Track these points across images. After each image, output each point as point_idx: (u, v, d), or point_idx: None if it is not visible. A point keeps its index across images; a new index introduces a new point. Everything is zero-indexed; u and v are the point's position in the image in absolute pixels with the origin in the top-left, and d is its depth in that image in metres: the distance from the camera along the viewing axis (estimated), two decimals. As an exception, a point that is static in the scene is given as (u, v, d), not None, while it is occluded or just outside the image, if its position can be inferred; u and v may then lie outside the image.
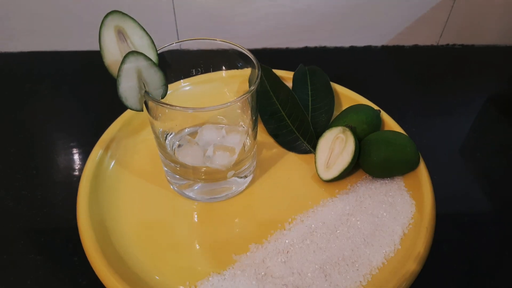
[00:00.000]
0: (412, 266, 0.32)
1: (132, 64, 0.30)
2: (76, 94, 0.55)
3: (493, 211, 0.42)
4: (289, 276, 0.32)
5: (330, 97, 0.47)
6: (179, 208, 0.38)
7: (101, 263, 0.32)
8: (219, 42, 0.38)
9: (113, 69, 0.31)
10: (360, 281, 0.32)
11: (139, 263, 0.34)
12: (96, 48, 0.30)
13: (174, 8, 0.57)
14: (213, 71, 0.41)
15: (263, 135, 0.45)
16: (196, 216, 0.38)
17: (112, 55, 0.31)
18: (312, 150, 0.43)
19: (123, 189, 0.40)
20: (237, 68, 0.39)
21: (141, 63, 0.30)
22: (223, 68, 0.40)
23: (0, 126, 0.49)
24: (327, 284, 0.32)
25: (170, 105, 0.31)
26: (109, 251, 0.33)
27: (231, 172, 0.38)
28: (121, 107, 0.45)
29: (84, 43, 0.60)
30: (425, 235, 0.34)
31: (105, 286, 0.31)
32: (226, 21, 0.60)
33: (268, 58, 0.60)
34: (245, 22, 0.60)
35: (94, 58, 0.59)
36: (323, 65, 0.50)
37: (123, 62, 0.29)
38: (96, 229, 0.34)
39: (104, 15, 0.30)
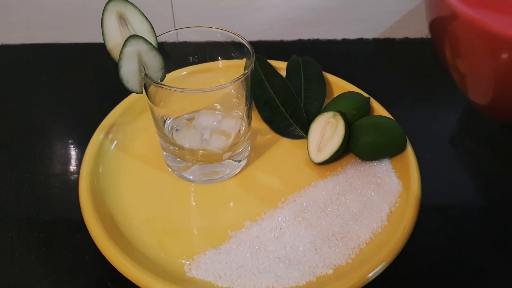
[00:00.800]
0: (398, 240, 0.34)
1: (132, 47, 0.31)
2: (76, 85, 0.56)
3: (476, 192, 0.44)
4: (282, 250, 0.34)
5: (322, 86, 0.49)
6: (178, 190, 0.40)
7: (104, 239, 0.33)
8: (215, 30, 0.39)
9: (115, 53, 0.33)
10: (349, 254, 0.34)
11: (140, 240, 0.35)
12: (96, 40, 0.31)
13: (171, 1, 0.59)
14: (209, 59, 0.42)
15: (257, 122, 0.47)
16: (193, 196, 0.40)
17: (114, 39, 0.32)
18: (304, 135, 0.45)
19: (124, 172, 0.41)
20: (232, 58, 0.41)
21: (141, 46, 0.32)
22: (219, 58, 0.42)
23: (3, 115, 0.51)
24: (317, 257, 0.34)
25: (168, 86, 0.32)
26: (111, 229, 0.35)
27: (227, 154, 0.39)
28: (120, 97, 0.47)
29: (84, 36, 0.62)
30: (410, 212, 0.36)
31: (107, 258, 0.32)
32: (221, 14, 0.62)
33: (263, 50, 0.61)
34: (240, 15, 0.62)
35: (94, 50, 0.61)
36: (316, 57, 0.52)
37: (124, 45, 0.31)
38: (98, 209, 0.36)
39: (103, 7, 0.32)
